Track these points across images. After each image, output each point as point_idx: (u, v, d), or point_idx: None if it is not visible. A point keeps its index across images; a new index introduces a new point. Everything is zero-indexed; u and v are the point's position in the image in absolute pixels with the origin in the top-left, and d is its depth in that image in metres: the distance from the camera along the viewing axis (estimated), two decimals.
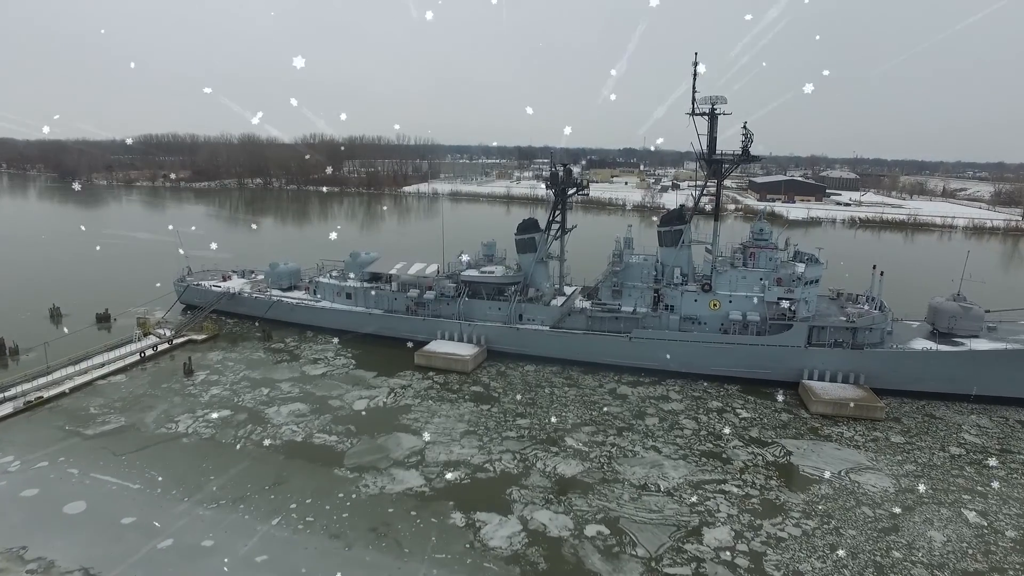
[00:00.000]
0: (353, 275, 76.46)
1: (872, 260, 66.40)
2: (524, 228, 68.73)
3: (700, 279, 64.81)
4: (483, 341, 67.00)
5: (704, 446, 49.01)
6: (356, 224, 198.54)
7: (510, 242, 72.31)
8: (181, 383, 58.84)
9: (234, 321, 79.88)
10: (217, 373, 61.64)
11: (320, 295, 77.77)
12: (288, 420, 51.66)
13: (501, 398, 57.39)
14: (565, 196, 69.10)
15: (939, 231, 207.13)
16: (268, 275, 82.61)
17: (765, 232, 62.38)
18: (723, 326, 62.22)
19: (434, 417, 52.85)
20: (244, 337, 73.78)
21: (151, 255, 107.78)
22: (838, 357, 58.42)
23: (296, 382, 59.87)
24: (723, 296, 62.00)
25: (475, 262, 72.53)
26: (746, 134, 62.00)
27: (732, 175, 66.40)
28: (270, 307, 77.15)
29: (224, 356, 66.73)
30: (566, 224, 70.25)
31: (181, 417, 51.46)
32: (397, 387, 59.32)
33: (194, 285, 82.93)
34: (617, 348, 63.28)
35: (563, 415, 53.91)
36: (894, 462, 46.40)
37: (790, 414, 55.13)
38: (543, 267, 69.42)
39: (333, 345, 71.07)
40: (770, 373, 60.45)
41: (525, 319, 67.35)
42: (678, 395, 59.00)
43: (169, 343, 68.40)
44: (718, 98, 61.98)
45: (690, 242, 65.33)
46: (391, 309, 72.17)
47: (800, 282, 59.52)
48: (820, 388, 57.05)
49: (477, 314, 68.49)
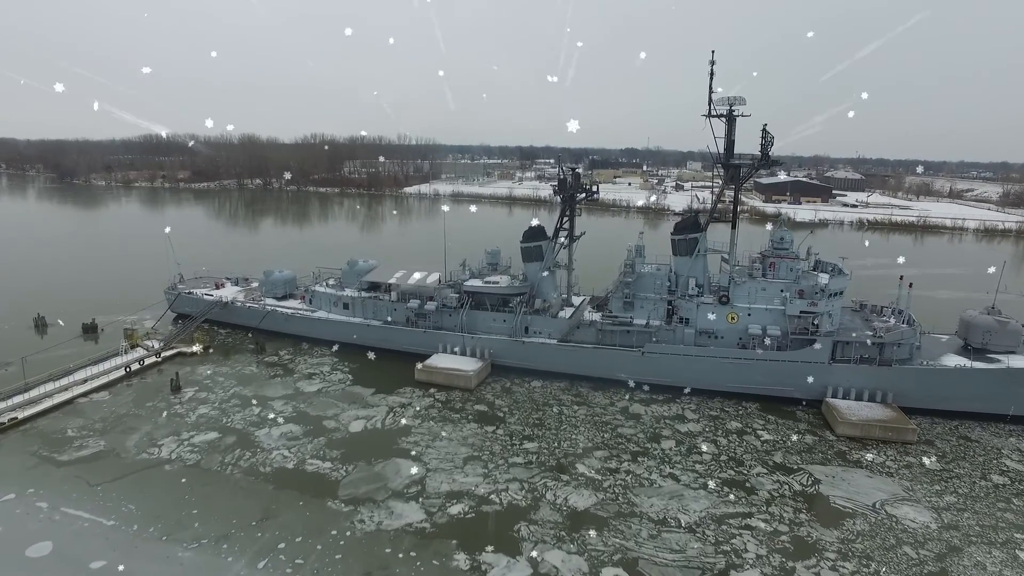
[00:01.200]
0: (350, 284, 73.11)
1: (886, 264, 62.88)
2: (530, 236, 65.30)
3: (717, 290, 61.44)
4: (487, 355, 63.63)
5: (725, 473, 45.60)
6: (357, 225, 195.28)
7: (514, 247, 68.92)
8: (167, 401, 55.50)
9: (227, 332, 76.59)
10: (206, 390, 58.30)
11: (316, 305, 74.40)
12: (279, 444, 48.30)
13: (507, 418, 54.01)
14: (574, 202, 65.61)
15: (950, 233, 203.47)
16: (262, 283, 79.31)
17: (786, 241, 58.93)
18: (741, 340, 58.80)
19: (435, 440, 49.47)
20: (236, 349, 70.43)
21: (144, 260, 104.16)
22: (864, 374, 54.99)
23: (289, 400, 56.51)
24: (741, 309, 58.56)
25: (478, 271, 69.12)
26: (765, 136, 58.51)
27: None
28: (264, 317, 73.82)
29: (215, 370, 63.40)
30: (574, 231, 66.75)
31: (165, 440, 48.10)
32: (396, 405, 55.96)
33: (185, 294, 79.62)
34: (629, 363, 59.87)
35: (573, 438, 50.53)
36: (932, 492, 42.95)
37: (815, 436, 51.69)
38: (550, 277, 66.02)
39: (329, 358, 67.71)
40: (792, 391, 57.05)
41: (531, 332, 63.97)
42: (694, 414, 55.59)
43: (157, 356, 65.08)
44: (736, 99, 58.53)
45: (706, 251, 61.87)
46: (390, 320, 68.79)
47: (824, 294, 56.06)
48: (846, 407, 53.62)
49: (481, 326, 65.11)
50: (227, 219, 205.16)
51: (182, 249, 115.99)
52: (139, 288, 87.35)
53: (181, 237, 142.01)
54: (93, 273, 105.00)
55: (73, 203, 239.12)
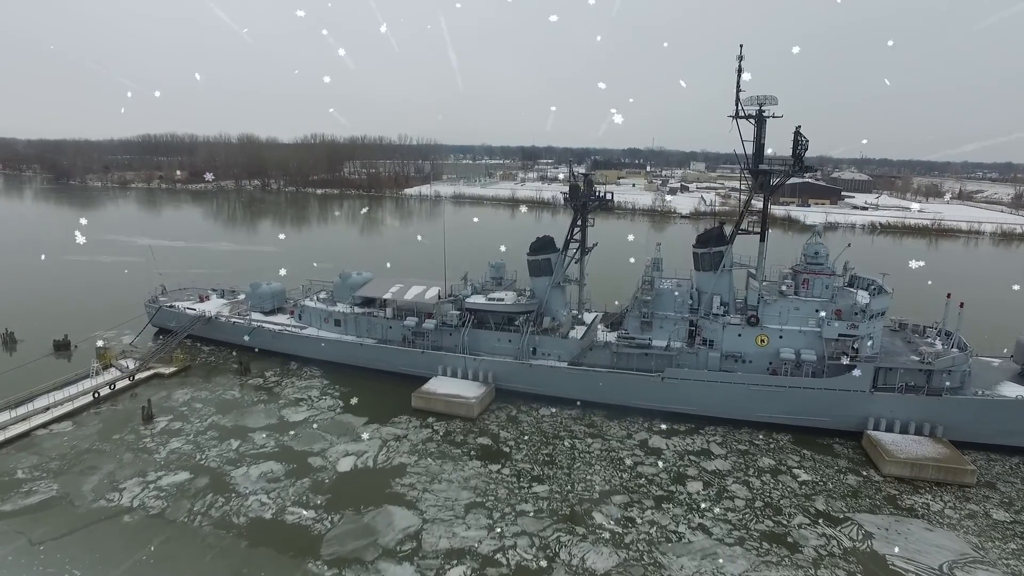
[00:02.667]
0: (343, 299, 67.64)
1: (905, 271, 57.06)
2: (538, 248, 59.75)
3: (743, 309, 55.96)
4: (490, 379, 58.15)
5: (762, 524, 40.05)
6: (354, 229, 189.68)
7: (519, 257, 63.45)
8: (136, 433, 50.03)
9: (210, 349, 71.15)
10: (181, 419, 52.84)
11: (306, 321, 68.93)
12: (257, 487, 42.82)
13: (513, 454, 48.50)
14: (586, 211, 60.02)
15: (965, 237, 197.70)
16: (249, 296, 73.79)
17: (821, 255, 53.34)
18: (771, 365, 53.26)
19: (433, 482, 43.95)
20: (219, 370, 64.95)
21: (129, 268, 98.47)
22: (911, 405, 49.45)
23: (272, 432, 51.03)
24: (772, 330, 53.01)
25: (481, 286, 63.58)
26: (798, 139, 52.97)
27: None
28: (250, 334, 68.32)
29: (192, 395, 57.93)
30: (586, 242, 61.19)
31: (128, 483, 42.62)
32: (390, 438, 50.45)
33: (167, 307, 74.17)
34: (647, 390, 54.38)
35: (588, 479, 44.99)
36: (1008, 552, 37.37)
37: (858, 476, 46.13)
38: (560, 292, 60.47)
39: (319, 380, 62.24)
40: (828, 421, 51.57)
41: (539, 353, 58.47)
42: (721, 448, 50.06)
43: (131, 379, 59.62)
44: (767, 98, 52.97)
45: (731, 266, 56.33)
46: (385, 339, 63.32)
47: (865, 315, 50.47)
48: (891, 442, 48.07)
49: (484, 347, 59.61)
50: (221, 222, 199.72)
51: (170, 256, 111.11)
52: (121, 299, 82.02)
53: (171, 242, 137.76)
54: (72, 282, 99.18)
55: (65, 204, 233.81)
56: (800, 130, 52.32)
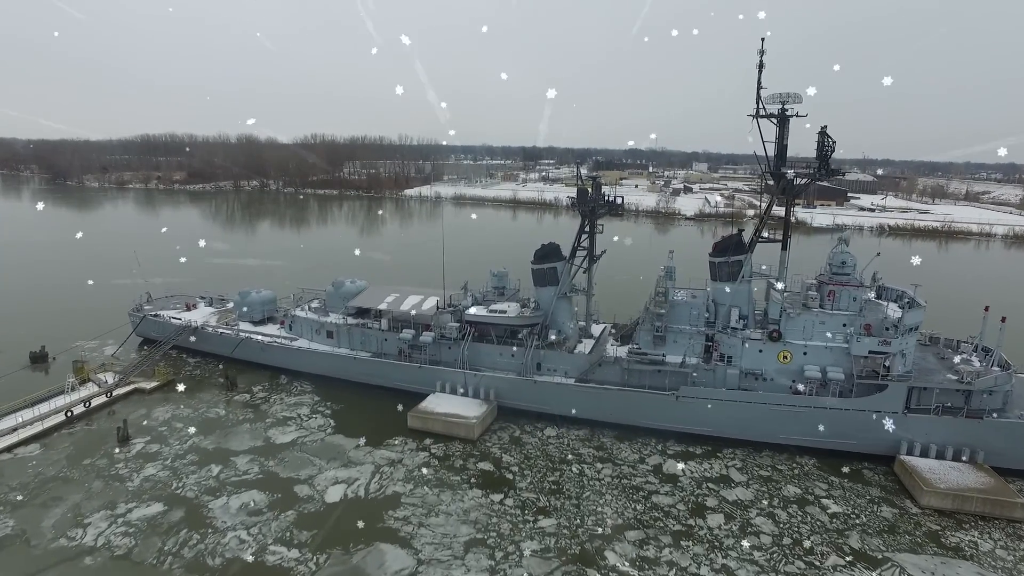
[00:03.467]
0: (336, 309, 63.89)
1: (924, 275, 53.15)
2: (543, 256, 55.95)
3: (761, 321, 52.19)
4: (492, 396, 54.38)
5: (793, 565, 36.24)
6: (351, 233, 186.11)
7: (521, 261, 59.75)
8: (109, 457, 46.29)
9: (196, 361, 67.43)
10: (159, 441, 49.11)
11: (297, 332, 65.17)
12: (237, 521, 39.04)
13: (516, 481, 44.69)
14: (595, 217, 56.19)
15: (976, 239, 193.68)
16: (237, 305, 69.99)
17: (848, 264, 49.48)
18: (795, 384, 49.41)
19: (430, 515, 40.17)
20: (204, 384, 61.19)
21: (117, 273, 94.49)
22: (948, 428, 45.62)
23: (257, 456, 47.25)
24: (796, 347, 49.16)
25: (482, 296, 59.76)
26: (824, 140, 49.15)
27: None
28: (237, 346, 64.60)
29: (174, 413, 54.20)
30: (594, 250, 57.37)
31: (94, 517, 38.86)
32: (384, 463, 46.68)
33: (151, 316, 70.44)
34: (660, 409, 50.59)
35: (599, 510, 41.18)
36: None
37: (893, 507, 42.28)
38: (566, 304, 56.65)
39: (310, 396, 58.52)
40: (856, 444, 47.77)
41: (544, 369, 54.71)
42: (741, 474, 46.25)
43: (108, 395, 55.88)
44: (790, 96, 49.15)
45: (751, 276, 52.50)
46: (380, 353, 59.54)
47: (897, 330, 46.61)
48: (927, 469, 44.22)
49: (485, 361, 55.84)
50: (216, 225, 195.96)
51: (161, 260, 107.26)
52: (106, 307, 78.12)
53: (162, 245, 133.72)
54: (56, 289, 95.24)
55: (59, 205, 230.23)
56: (827, 130, 48.47)
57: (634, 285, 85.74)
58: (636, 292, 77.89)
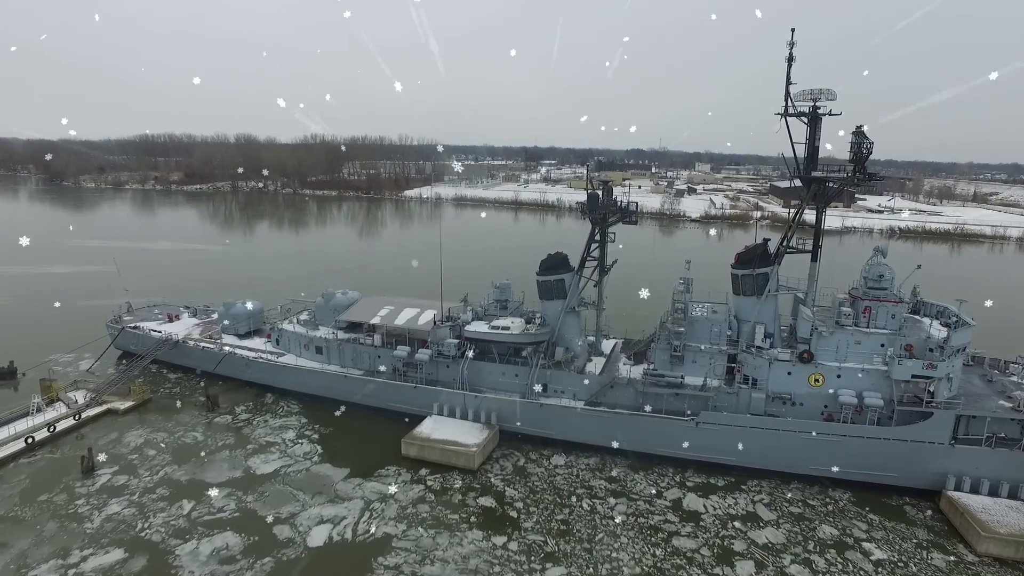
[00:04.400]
0: (326, 322, 59.43)
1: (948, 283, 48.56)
2: (550, 267, 51.44)
3: (788, 339, 47.75)
4: (494, 419, 49.92)
5: None
6: (347, 236, 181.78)
7: (524, 268, 55.28)
8: (70, 492, 41.84)
9: (177, 377, 63.00)
10: (128, 471, 44.67)
11: (284, 347, 60.74)
12: (207, 571, 34.59)
13: (521, 520, 40.18)
14: (606, 225, 51.69)
15: (990, 242, 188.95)
16: (221, 317, 65.50)
17: (886, 278, 44.91)
18: (827, 410, 44.91)
19: (425, 562, 35.71)
20: (182, 404, 56.67)
21: (100, 280, 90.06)
22: (1003, 461, 41.08)
23: (234, 489, 42.78)
24: (829, 369, 44.60)
25: (483, 311, 55.23)
26: (860, 141, 44.61)
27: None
28: (220, 361, 60.16)
29: (148, 438, 49.78)
30: (605, 260, 52.87)
31: (41, 568, 34.37)
32: (375, 498, 42.21)
33: (130, 328, 66.01)
34: (679, 436, 46.05)
35: (614, 556, 36.70)
36: None
37: (945, 554, 37.74)
38: (575, 319, 52.14)
39: (296, 419, 54.09)
40: (896, 478, 43.24)
41: (551, 390, 50.23)
42: (770, 511, 41.75)
43: (76, 417, 51.45)
44: (822, 92, 44.63)
45: (777, 290, 47.97)
46: (373, 370, 55.08)
47: (944, 352, 42.05)
48: (980, 508, 39.68)
49: (486, 381, 51.39)
50: (210, 227, 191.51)
51: (148, 265, 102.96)
52: (86, 317, 73.54)
53: (150, 249, 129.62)
54: (33, 297, 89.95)
55: (50, 207, 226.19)
56: (863, 129, 43.95)
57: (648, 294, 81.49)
58: (647, 302, 73.68)
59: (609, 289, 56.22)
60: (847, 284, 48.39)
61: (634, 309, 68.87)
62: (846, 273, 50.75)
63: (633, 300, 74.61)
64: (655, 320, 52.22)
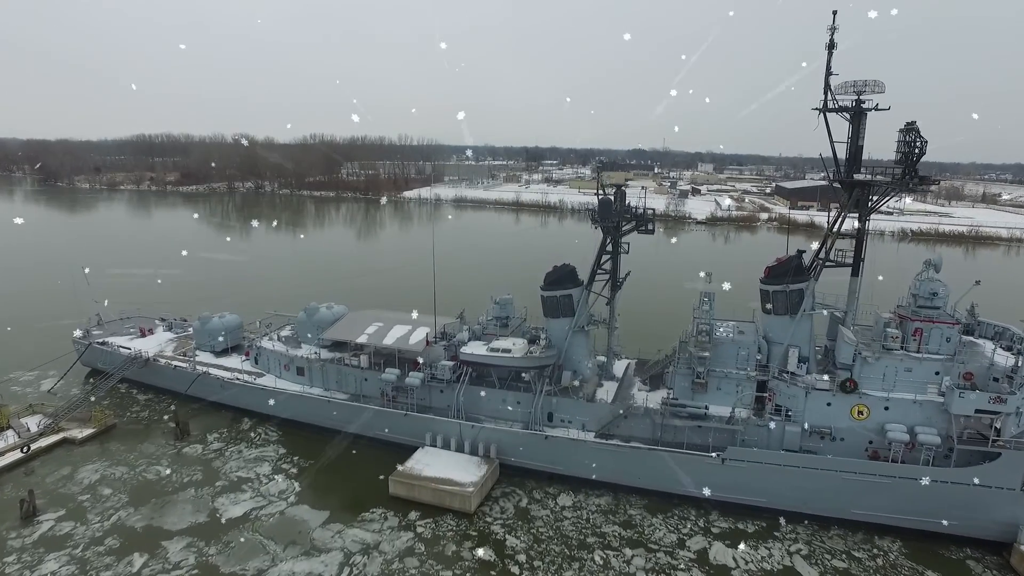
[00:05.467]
0: (308, 340, 54.04)
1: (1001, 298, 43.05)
2: (556, 281, 45.91)
3: (824, 363, 42.30)
4: (493, 452, 44.47)
5: None
6: (342, 239, 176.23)
7: (526, 278, 49.83)
8: (1, 545, 36.37)
9: (147, 399, 57.66)
10: (75, 516, 39.26)
11: (263, 366, 55.34)
12: None
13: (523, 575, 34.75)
14: (619, 234, 46.19)
15: (1006, 245, 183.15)
16: (196, 332, 60.06)
17: (940, 296, 39.36)
18: (872, 446, 39.42)
19: None
20: (149, 431, 51.37)
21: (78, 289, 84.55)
22: None
23: (196, 539, 37.35)
24: (875, 400, 39.07)
25: (482, 329, 49.67)
26: (912, 140, 39.06)
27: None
28: (194, 382, 54.76)
29: (104, 473, 44.40)
30: (619, 273, 47.37)
31: None
32: (357, 549, 36.79)
33: (97, 344, 60.60)
34: (702, 474, 40.57)
35: None
36: None
37: None
38: (584, 339, 46.64)
39: (273, 449, 48.68)
40: (956, 526, 37.72)
41: (557, 419, 44.79)
42: (810, 565, 36.28)
43: (24, 450, 46.03)
44: (869, 83, 39.13)
45: (813, 308, 42.45)
46: (360, 394, 49.65)
47: (1013, 383, 36.50)
48: None
49: (485, 409, 45.93)
50: (203, 230, 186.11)
51: (132, 269, 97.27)
52: (53, 331, 68.15)
53: (138, 252, 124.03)
54: None
55: (41, 208, 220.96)
56: (916, 126, 38.39)
57: (659, 305, 76.08)
58: (659, 315, 68.20)
59: (620, 302, 50.73)
60: (872, 292, 42.86)
61: (646, 322, 63.62)
62: (872, 284, 45.09)
63: (645, 312, 69.49)
64: (668, 332, 46.76)
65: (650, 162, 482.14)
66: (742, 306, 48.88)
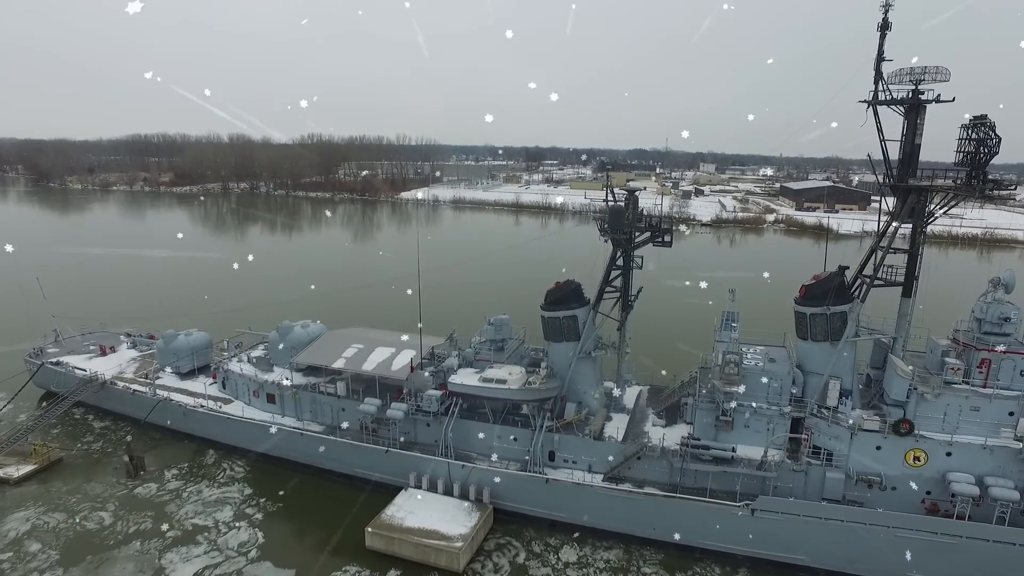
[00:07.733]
0: (281, 363, 48.23)
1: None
2: (559, 300, 40.05)
3: (871, 396, 36.50)
4: (486, 497, 38.67)
5: None
6: (336, 242, 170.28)
7: (525, 290, 44.06)
8: None
9: (104, 426, 51.88)
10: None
11: (231, 391, 49.51)
12: None
13: None
14: (632, 246, 40.34)
15: (1021, 247, 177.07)
16: (160, 352, 54.22)
17: (1013, 321, 33.52)
18: (931, 497, 33.61)
19: None
20: (99, 467, 45.58)
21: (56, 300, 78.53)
22: None
23: None
24: (935, 445, 33.26)
25: (474, 353, 43.70)
26: (981, 137, 33.21)
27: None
28: (154, 408, 48.98)
29: (37, 521, 38.58)
30: (630, 292, 41.54)
31: None
32: None
33: (50, 364, 54.82)
34: (728, 526, 34.80)
35: None
36: None
37: None
38: (590, 366, 40.83)
39: (238, 488, 42.84)
40: None
41: (560, 459, 38.98)
42: None
43: None
44: (929, 71, 33.31)
45: (857, 335, 36.61)
46: (336, 426, 43.84)
47: None
48: None
49: (477, 447, 40.13)
50: (194, 232, 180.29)
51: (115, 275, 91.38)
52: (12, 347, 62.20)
53: (125, 255, 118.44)
54: None
55: (33, 209, 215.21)
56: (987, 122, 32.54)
57: (665, 323, 70.28)
58: (673, 334, 62.32)
59: (631, 323, 44.91)
60: (922, 313, 36.99)
61: (656, 339, 57.81)
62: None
63: (656, 331, 63.46)
64: (679, 351, 40.98)
65: (651, 162, 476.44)
66: (755, 315, 43.06)
